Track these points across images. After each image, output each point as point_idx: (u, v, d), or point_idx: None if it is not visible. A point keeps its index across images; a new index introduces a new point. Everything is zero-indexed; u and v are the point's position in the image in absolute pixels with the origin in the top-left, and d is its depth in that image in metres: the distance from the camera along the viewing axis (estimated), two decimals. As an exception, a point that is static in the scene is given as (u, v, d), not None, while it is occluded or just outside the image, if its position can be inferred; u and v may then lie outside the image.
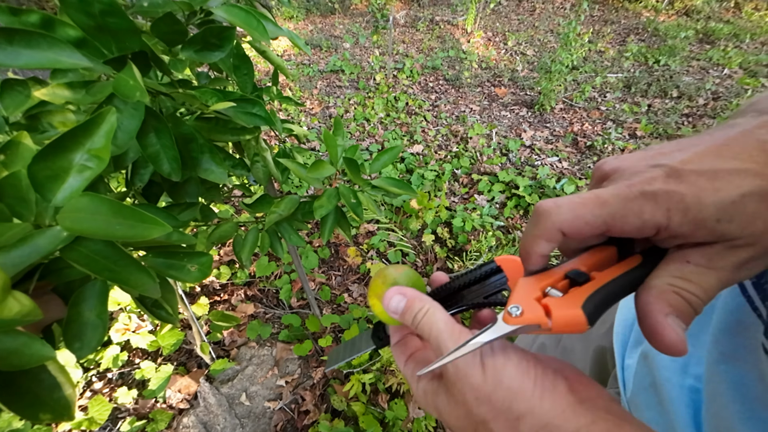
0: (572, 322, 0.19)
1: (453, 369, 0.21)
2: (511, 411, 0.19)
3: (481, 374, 0.20)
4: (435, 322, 0.22)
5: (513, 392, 0.20)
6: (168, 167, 0.34)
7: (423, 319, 0.23)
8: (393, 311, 0.25)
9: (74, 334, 0.27)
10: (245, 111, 0.40)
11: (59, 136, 0.24)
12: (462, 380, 0.21)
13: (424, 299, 0.24)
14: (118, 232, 0.25)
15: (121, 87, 0.27)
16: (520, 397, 0.19)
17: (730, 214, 0.16)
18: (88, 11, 0.25)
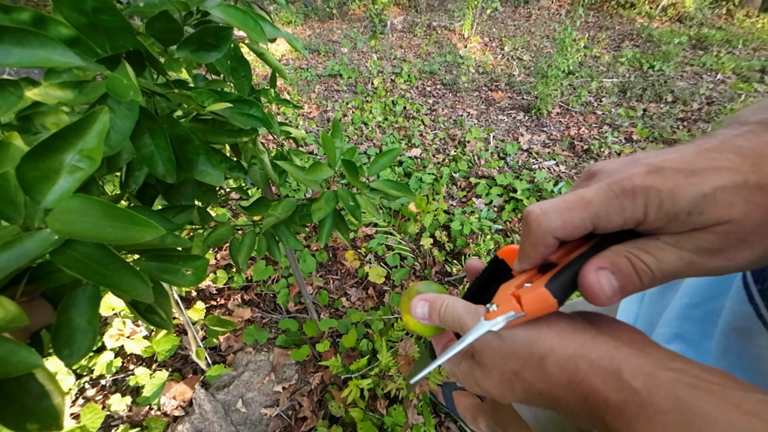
0: (539, 300, 0.20)
1: (477, 345, 0.24)
2: (532, 355, 0.21)
3: (499, 339, 0.23)
4: (455, 309, 0.25)
5: (530, 339, 0.21)
6: (162, 169, 0.34)
7: (446, 312, 0.26)
8: (421, 317, 0.28)
9: (63, 340, 0.26)
10: (242, 112, 0.40)
11: (50, 136, 0.24)
12: (485, 350, 0.23)
13: (444, 297, 0.27)
14: (110, 234, 0.24)
15: (115, 86, 0.26)
16: (538, 341, 0.21)
17: (701, 207, 0.17)
18: (80, 8, 0.25)
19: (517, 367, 0.21)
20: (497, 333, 0.22)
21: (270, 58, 0.62)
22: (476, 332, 0.22)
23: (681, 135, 2.41)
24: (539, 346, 0.21)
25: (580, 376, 0.18)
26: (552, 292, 0.20)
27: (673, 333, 0.29)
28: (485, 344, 0.23)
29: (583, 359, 0.19)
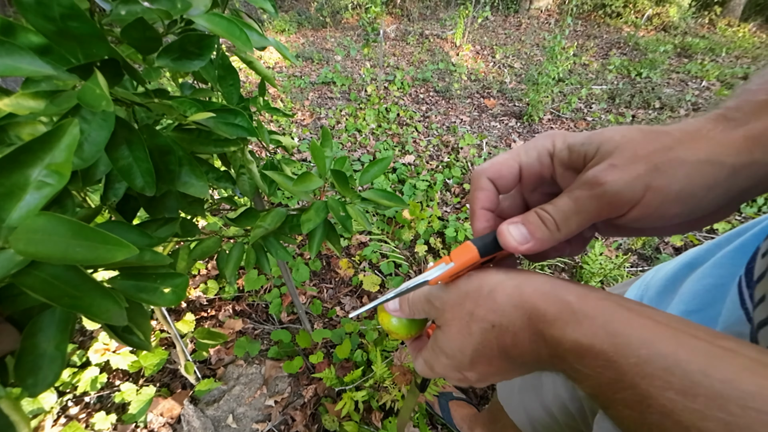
0: (463, 249, 0.24)
1: (438, 302, 0.25)
2: (482, 289, 0.23)
3: (455, 289, 0.24)
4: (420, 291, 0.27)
5: (481, 279, 0.23)
6: (141, 181, 0.32)
7: (412, 296, 0.28)
8: (393, 310, 0.29)
9: (28, 368, 0.25)
10: (227, 122, 0.38)
11: (14, 150, 0.22)
12: (447, 302, 0.25)
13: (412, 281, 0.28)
14: (78, 255, 0.23)
15: (87, 96, 0.25)
16: (488, 278, 0.23)
17: (591, 139, 0.22)
18: (47, 15, 0.23)
19: (471, 307, 0.23)
20: (453, 285, 0.24)
21: (258, 67, 0.61)
22: (414, 281, 0.25)
23: (669, 140, 2.45)
24: (489, 283, 0.23)
25: (524, 299, 0.21)
26: (474, 244, 0.24)
27: None
28: (447, 298, 0.24)
29: (527, 285, 0.21)
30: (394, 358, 1.16)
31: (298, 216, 0.59)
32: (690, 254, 0.36)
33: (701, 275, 0.31)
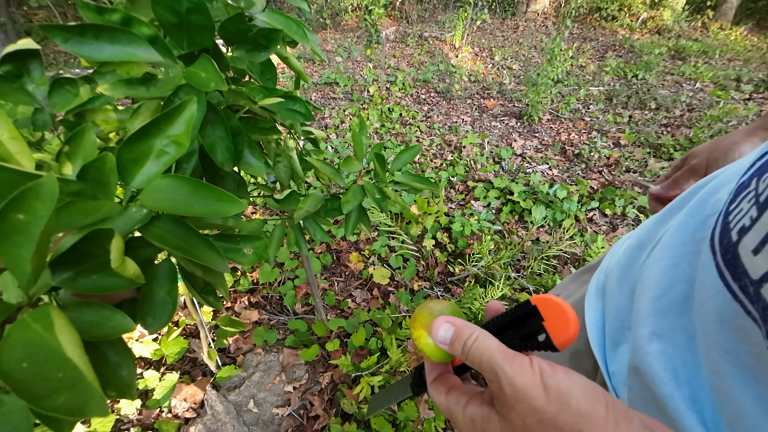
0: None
1: (510, 390, 0.20)
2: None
3: (544, 395, 0.19)
4: (487, 347, 0.22)
5: (583, 416, 0.19)
6: (221, 157, 0.36)
7: (474, 344, 0.23)
8: (441, 341, 0.25)
9: (147, 310, 0.29)
10: (288, 107, 0.43)
11: (146, 124, 0.27)
12: (521, 402, 0.20)
13: (473, 327, 0.24)
14: (197, 209, 0.27)
15: (194, 79, 0.29)
16: (593, 423, 0.18)
17: None
18: (175, 9, 0.28)
19: None
20: (545, 387, 0.20)
21: (293, 62, 0.65)
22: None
23: (665, 140, 2.52)
24: (592, 427, 0.18)
25: None
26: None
27: (650, 331, 0.29)
28: (524, 396, 0.20)
29: None
30: (407, 345, 1.20)
31: (332, 201, 0.64)
32: (635, 235, 0.38)
33: (655, 258, 0.31)
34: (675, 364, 0.26)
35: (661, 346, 0.28)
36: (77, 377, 0.17)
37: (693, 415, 0.25)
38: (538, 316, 0.24)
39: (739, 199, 0.23)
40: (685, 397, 0.25)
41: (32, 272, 0.19)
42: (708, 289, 0.24)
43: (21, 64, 0.40)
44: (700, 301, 0.25)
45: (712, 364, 0.24)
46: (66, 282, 0.22)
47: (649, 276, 0.31)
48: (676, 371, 0.26)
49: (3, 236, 0.18)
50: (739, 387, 0.22)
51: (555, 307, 0.23)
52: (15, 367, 0.17)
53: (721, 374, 0.23)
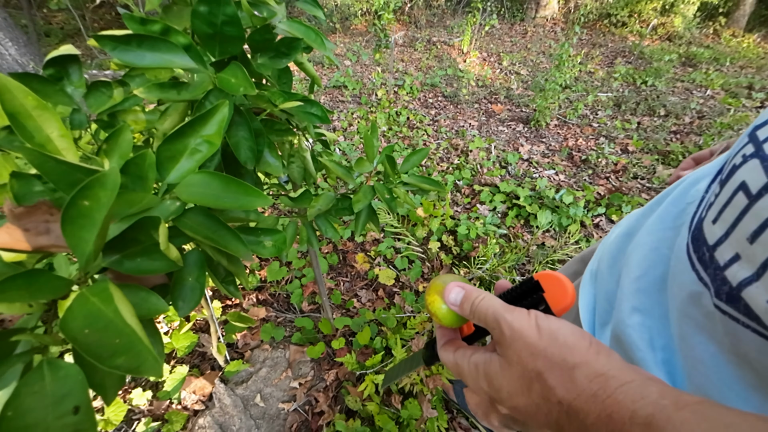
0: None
1: (509, 332, 0.23)
2: (566, 362, 0.21)
3: (537, 333, 0.22)
4: (492, 303, 0.25)
5: (568, 347, 0.21)
6: (244, 156, 0.39)
7: (480, 303, 0.26)
8: (452, 302, 0.28)
9: (178, 294, 0.32)
10: (305, 110, 0.46)
11: (184, 125, 0.29)
12: (518, 340, 0.23)
13: (480, 290, 0.27)
14: (227, 203, 0.30)
15: (224, 84, 0.32)
16: (576, 351, 0.21)
17: None
18: (212, 21, 0.31)
19: (544, 368, 0.21)
20: (537, 327, 0.22)
21: (308, 68, 0.69)
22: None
23: (674, 147, 2.51)
24: (575, 356, 0.21)
25: (608, 392, 0.19)
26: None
27: (631, 306, 0.32)
28: (520, 334, 0.23)
29: (614, 379, 0.20)
30: (412, 345, 1.22)
31: (343, 200, 0.67)
32: (624, 224, 0.41)
33: (638, 243, 0.35)
34: (651, 333, 0.30)
35: (640, 319, 0.31)
36: (132, 342, 0.20)
37: (664, 376, 0.28)
38: (539, 289, 0.27)
39: (714, 185, 0.27)
40: (658, 360, 0.29)
41: (92, 253, 0.21)
42: (678, 264, 0.27)
43: (62, 68, 0.43)
44: (672, 276, 0.29)
45: (678, 329, 0.27)
46: (114, 263, 0.25)
47: (633, 259, 0.34)
48: (652, 340, 0.30)
49: (69, 219, 0.21)
50: (697, 345, 0.25)
51: (554, 280, 0.26)
52: (79, 333, 0.20)
53: (684, 337, 0.26)
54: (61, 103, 0.44)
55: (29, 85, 0.38)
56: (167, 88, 0.38)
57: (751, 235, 0.21)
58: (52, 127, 0.31)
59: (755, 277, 0.20)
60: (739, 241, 0.22)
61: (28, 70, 2.68)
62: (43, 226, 0.28)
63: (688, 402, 0.18)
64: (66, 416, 0.21)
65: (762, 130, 0.23)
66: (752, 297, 0.20)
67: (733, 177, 0.24)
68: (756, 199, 0.21)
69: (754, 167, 0.22)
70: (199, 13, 0.30)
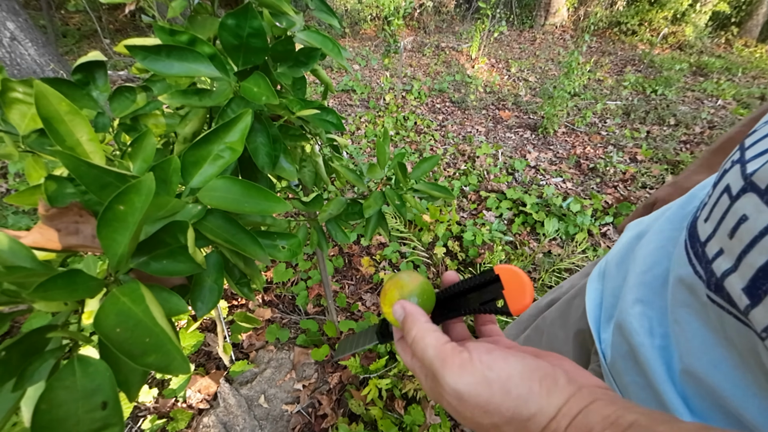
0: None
1: (456, 401, 0.22)
2: (521, 415, 0.21)
3: (488, 390, 0.22)
4: (425, 349, 0.24)
5: (522, 398, 0.21)
6: (262, 161, 0.40)
7: (414, 341, 0.25)
8: (398, 320, 0.27)
9: (198, 295, 0.33)
10: (321, 118, 0.47)
11: (209, 132, 0.31)
12: (469, 397, 0.22)
13: (415, 320, 0.25)
14: (247, 208, 0.31)
15: (247, 93, 0.33)
16: (530, 401, 0.21)
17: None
18: (238, 33, 0.32)
19: (500, 422, 0.21)
20: (487, 382, 0.22)
21: (322, 75, 0.70)
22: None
23: (684, 157, 2.49)
24: (530, 406, 0.21)
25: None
26: None
27: (634, 298, 0.35)
28: (471, 391, 0.22)
29: (564, 417, 0.20)
30: (416, 350, 1.22)
31: (353, 205, 0.67)
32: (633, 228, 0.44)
33: (647, 241, 0.38)
34: (651, 323, 0.32)
35: (641, 309, 0.34)
36: (162, 342, 0.20)
37: (659, 360, 0.30)
38: (499, 284, 0.26)
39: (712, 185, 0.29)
40: (655, 346, 0.31)
41: (124, 255, 0.22)
42: (678, 259, 0.30)
43: (89, 73, 0.45)
44: (672, 270, 0.31)
45: (674, 316, 0.30)
46: (142, 265, 0.26)
47: (640, 255, 0.37)
48: (651, 328, 0.32)
49: (105, 222, 0.22)
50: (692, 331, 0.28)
51: (515, 277, 0.25)
52: (111, 331, 0.21)
53: (681, 323, 0.29)
54: (86, 107, 0.46)
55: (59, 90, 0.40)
56: (190, 94, 0.39)
57: (730, 230, 0.24)
58: (82, 132, 0.32)
59: (734, 268, 0.23)
60: (722, 237, 0.24)
61: (47, 70, 2.75)
62: (73, 226, 0.29)
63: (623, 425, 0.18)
64: (95, 411, 0.22)
65: (749, 138, 0.26)
66: (731, 285, 0.23)
67: (721, 180, 0.27)
68: (735, 200, 0.24)
69: (736, 172, 0.25)
70: (226, 25, 0.32)
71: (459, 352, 0.23)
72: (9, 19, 2.59)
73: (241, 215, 0.37)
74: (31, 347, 0.22)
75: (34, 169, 0.37)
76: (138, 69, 0.51)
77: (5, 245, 0.21)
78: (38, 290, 0.18)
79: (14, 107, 0.36)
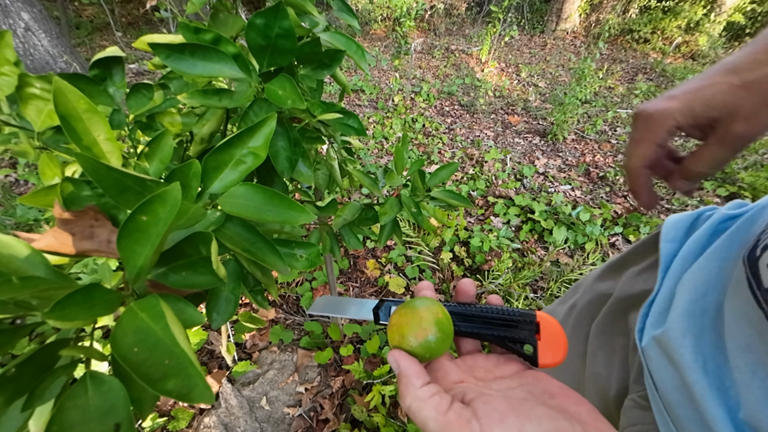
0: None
1: None
2: None
3: None
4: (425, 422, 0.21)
5: None
6: (282, 165, 0.39)
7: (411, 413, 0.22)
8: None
9: (213, 306, 0.31)
10: (342, 122, 0.45)
11: (233, 136, 0.29)
12: None
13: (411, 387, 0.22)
14: (269, 217, 0.29)
15: (272, 95, 0.32)
16: None
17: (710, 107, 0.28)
18: (267, 34, 0.31)
19: None
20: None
21: (341, 77, 0.68)
22: None
23: (696, 168, 2.45)
24: None
25: None
26: None
27: (684, 328, 0.33)
28: None
29: None
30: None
31: (367, 211, 0.66)
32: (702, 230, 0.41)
33: (698, 267, 0.35)
34: (705, 356, 0.31)
35: (693, 341, 0.32)
36: (182, 365, 0.19)
37: (716, 397, 0.29)
38: (534, 330, 0.25)
39: None
40: (711, 383, 0.29)
41: (144, 267, 0.21)
42: (740, 296, 0.28)
43: (106, 69, 0.44)
44: (730, 306, 0.29)
45: (735, 360, 0.28)
46: (160, 276, 0.25)
47: (690, 279, 0.35)
48: (705, 362, 0.31)
49: (126, 233, 0.20)
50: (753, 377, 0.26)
51: (555, 331, 0.24)
52: (128, 351, 0.19)
53: (741, 369, 0.27)
54: (103, 104, 0.44)
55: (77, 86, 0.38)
56: (210, 94, 0.38)
57: None
58: (99, 130, 0.31)
59: None
60: None
61: (59, 61, 2.76)
62: (88, 230, 0.28)
63: None
64: (108, 434, 0.20)
65: None
66: None
67: None
68: None
69: None
70: (254, 25, 0.30)
71: (466, 423, 0.20)
72: (24, 10, 2.61)
73: (261, 223, 0.36)
74: (43, 363, 0.21)
75: (48, 166, 0.36)
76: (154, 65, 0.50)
77: (21, 253, 0.20)
78: (55, 310, 0.17)
79: (30, 103, 0.35)
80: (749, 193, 2.18)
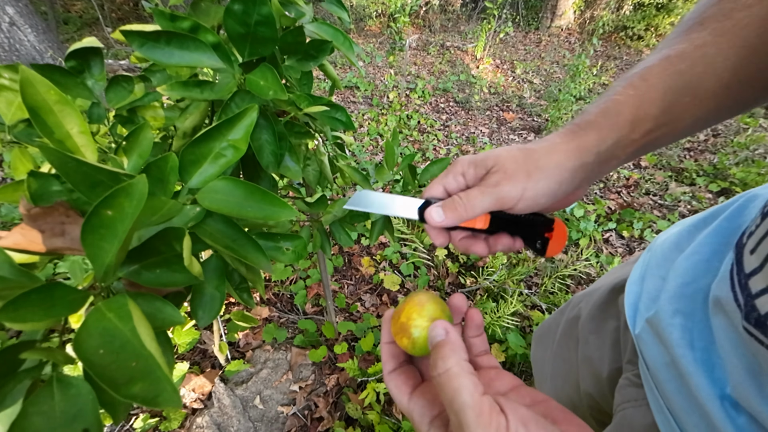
0: None
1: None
2: None
3: None
4: (459, 390, 0.21)
5: None
6: (266, 160, 0.38)
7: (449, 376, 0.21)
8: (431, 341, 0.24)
9: (198, 304, 0.30)
10: (330, 115, 0.44)
11: (210, 128, 0.28)
12: None
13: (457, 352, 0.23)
14: (250, 213, 0.28)
15: (253, 86, 0.31)
16: None
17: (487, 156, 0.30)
18: (245, 21, 0.29)
19: None
20: None
21: (330, 70, 0.67)
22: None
23: (688, 164, 2.47)
24: None
25: None
26: None
27: (674, 309, 0.34)
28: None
29: None
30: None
31: (358, 206, 0.65)
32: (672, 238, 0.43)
33: (691, 252, 0.37)
34: (692, 334, 0.32)
35: (682, 321, 0.34)
36: (150, 368, 0.18)
37: (703, 372, 0.30)
38: (548, 229, 0.32)
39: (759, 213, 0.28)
40: (697, 358, 0.31)
41: (112, 264, 0.20)
42: (721, 282, 0.29)
43: (84, 60, 0.42)
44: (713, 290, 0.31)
45: (719, 339, 0.29)
46: (132, 274, 0.24)
47: (682, 265, 0.37)
48: (692, 340, 0.32)
49: (90, 229, 0.19)
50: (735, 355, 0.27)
51: (562, 230, 0.32)
52: (93, 353, 0.18)
53: (724, 347, 0.29)
54: (80, 96, 0.43)
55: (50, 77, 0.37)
56: (191, 86, 0.36)
57: None
58: (72, 123, 0.29)
59: None
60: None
61: (46, 57, 2.70)
62: (58, 227, 0.27)
63: None
64: (74, 440, 0.19)
65: None
66: None
67: None
68: None
69: None
70: (232, 11, 0.29)
71: (497, 414, 0.20)
72: (8, 4, 2.54)
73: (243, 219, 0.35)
74: (4, 367, 0.20)
75: (20, 161, 0.35)
76: (137, 58, 0.48)
77: (-23, 251, 0.19)
78: (7, 309, 0.15)
79: (0, 94, 0.34)
80: (740, 189, 2.21)
